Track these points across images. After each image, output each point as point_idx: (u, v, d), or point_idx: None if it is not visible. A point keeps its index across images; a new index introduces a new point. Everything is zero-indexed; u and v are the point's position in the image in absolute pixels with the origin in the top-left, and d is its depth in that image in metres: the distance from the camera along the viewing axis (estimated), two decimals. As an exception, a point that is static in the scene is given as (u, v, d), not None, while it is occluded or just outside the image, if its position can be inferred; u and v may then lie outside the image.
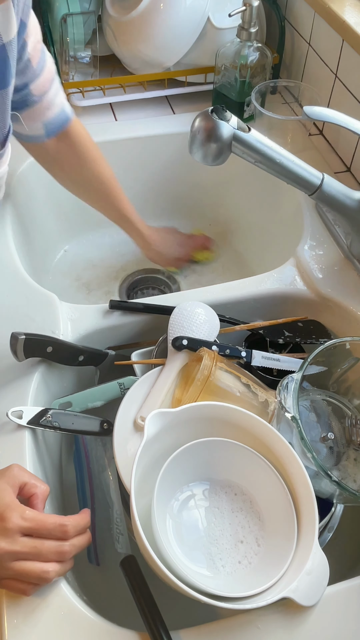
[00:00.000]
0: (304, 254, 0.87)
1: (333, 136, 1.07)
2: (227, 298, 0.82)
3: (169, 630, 0.52)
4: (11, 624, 0.53)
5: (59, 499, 0.75)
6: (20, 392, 0.69)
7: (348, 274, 0.84)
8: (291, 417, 0.61)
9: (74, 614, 0.54)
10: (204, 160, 0.71)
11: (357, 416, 0.72)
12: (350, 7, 0.92)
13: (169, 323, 0.74)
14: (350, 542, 0.76)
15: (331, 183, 0.75)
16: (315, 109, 0.72)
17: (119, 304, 0.80)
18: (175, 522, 0.59)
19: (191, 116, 0.73)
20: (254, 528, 0.59)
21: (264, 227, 1.10)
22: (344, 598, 0.56)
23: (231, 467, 0.62)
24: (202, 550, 0.58)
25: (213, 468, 0.62)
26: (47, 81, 0.79)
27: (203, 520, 0.60)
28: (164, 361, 0.72)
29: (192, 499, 0.61)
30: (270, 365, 0.76)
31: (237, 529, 0.59)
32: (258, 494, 0.61)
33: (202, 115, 0.69)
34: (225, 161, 0.72)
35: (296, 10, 1.11)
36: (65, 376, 0.78)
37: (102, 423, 0.69)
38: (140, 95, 1.14)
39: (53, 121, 0.83)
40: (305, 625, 0.54)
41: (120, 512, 0.70)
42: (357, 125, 0.73)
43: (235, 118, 0.70)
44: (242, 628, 0.53)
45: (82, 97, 1.12)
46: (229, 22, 1.04)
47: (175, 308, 0.76)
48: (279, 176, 0.74)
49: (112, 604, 0.64)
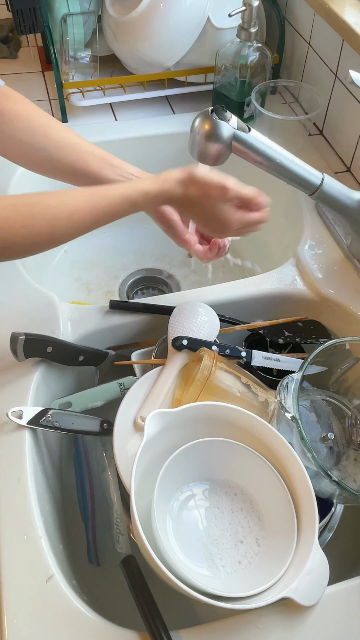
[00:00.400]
0: (304, 254, 0.87)
1: (333, 136, 1.07)
2: (227, 298, 0.82)
3: (169, 630, 0.52)
4: (11, 624, 0.53)
5: (59, 499, 0.75)
6: (20, 392, 0.69)
7: (348, 274, 0.84)
8: (291, 417, 0.61)
9: (74, 614, 0.54)
10: (204, 161, 0.71)
11: (357, 416, 0.72)
12: (350, 7, 0.92)
13: (169, 323, 0.74)
14: (350, 542, 0.76)
15: (331, 183, 0.75)
16: None
17: (119, 304, 0.80)
18: (175, 522, 0.59)
19: (191, 116, 0.73)
20: (254, 528, 0.59)
21: (263, 227, 1.10)
22: (344, 598, 0.56)
23: (231, 467, 0.62)
24: (202, 550, 0.58)
25: (213, 468, 0.62)
26: None
27: (203, 520, 0.60)
28: (164, 361, 0.72)
29: (192, 499, 0.61)
30: (270, 365, 0.76)
31: (237, 529, 0.59)
32: (258, 494, 0.61)
33: (202, 115, 0.69)
34: (225, 161, 0.72)
35: (296, 10, 1.11)
36: (65, 376, 0.78)
37: (102, 423, 0.69)
38: (140, 95, 1.15)
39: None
40: (305, 625, 0.54)
41: (120, 512, 0.70)
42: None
43: (235, 118, 0.70)
44: (242, 628, 0.53)
45: (82, 97, 1.12)
46: (229, 22, 1.04)
47: (175, 308, 0.76)
48: (279, 176, 0.74)
49: (112, 604, 0.64)
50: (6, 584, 0.55)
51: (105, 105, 1.15)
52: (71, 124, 1.11)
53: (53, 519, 0.66)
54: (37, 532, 0.59)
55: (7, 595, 0.55)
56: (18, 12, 1.12)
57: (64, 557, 0.64)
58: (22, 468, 0.63)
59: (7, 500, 0.61)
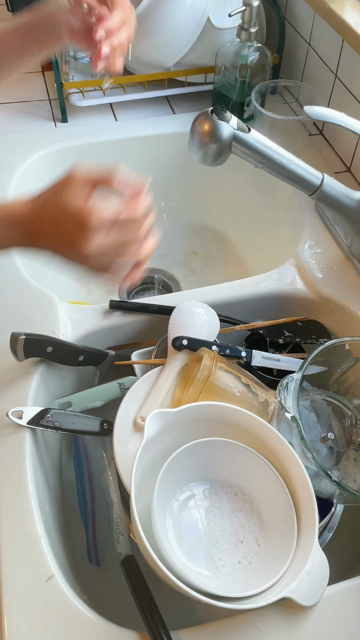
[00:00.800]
0: (304, 254, 0.87)
1: (333, 136, 1.07)
2: (227, 298, 0.82)
3: (169, 630, 0.52)
4: (11, 624, 0.53)
5: (59, 499, 0.75)
6: (20, 392, 0.69)
7: (348, 274, 0.84)
8: (291, 417, 0.61)
9: (74, 614, 0.54)
10: (203, 161, 0.71)
11: (357, 416, 0.72)
12: (350, 7, 0.92)
13: (169, 323, 0.74)
14: (350, 542, 0.76)
15: (331, 183, 0.75)
16: (316, 108, 0.72)
17: (119, 304, 0.80)
18: (175, 522, 0.59)
19: (191, 116, 0.73)
20: (254, 528, 0.59)
21: (263, 227, 1.10)
22: (344, 598, 0.56)
23: (231, 467, 0.62)
24: (202, 550, 0.58)
25: (213, 468, 0.62)
26: None
27: (203, 520, 0.60)
28: (164, 361, 0.72)
29: (192, 499, 0.61)
30: (270, 365, 0.76)
31: (237, 529, 0.59)
32: (258, 494, 0.61)
33: (202, 116, 0.69)
34: (225, 161, 0.72)
35: (296, 10, 1.11)
36: (65, 376, 0.78)
37: (102, 423, 0.69)
38: (140, 95, 1.15)
39: None
40: (305, 625, 0.54)
41: (120, 512, 0.70)
42: (357, 125, 0.73)
43: (235, 118, 0.70)
44: (242, 628, 0.53)
45: (82, 97, 1.12)
46: (229, 22, 1.04)
47: (175, 308, 0.76)
48: (279, 176, 0.74)
49: (112, 604, 0.64)
50: (6, 584, 0.55)
51: (105, 105, 1.15)
52: (71, 123, 1.11)
53: (53, 519, 0.66)
54: (37, 532, 0.59)
55: (7, 595, 0.55)
56: (18, 11, 1.12)
57: (64, 557, 0.64)
58: (22, 468, 0.63)
59: (7, 500, 0.61)
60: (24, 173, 1.00)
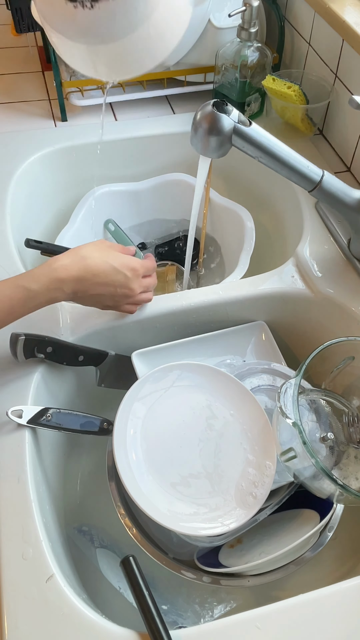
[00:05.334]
0: (304, 254, 0.87)
1: (333, 136, 1.07)
2: (227, 298, 0.82)
3: (169, 630, 0.52)
4: (11, 624, 0.53)
5: (59, 498, 0.75)
6: (20, 392, 0.69)
7: (348, 274, 0.84)
8: (292, 422, 0.60)
9: (74, 614, 0.54)
10: (204, 152, 0.71)
11: (355, 413, 0.72)
12: (350, 7, 0.92)
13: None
14: (350, 542, 0.76)
15: (331, 180, 0.75)
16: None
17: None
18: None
19: (191, 116, 0.73)
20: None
21: (263, 227, 1.10)
22: (343, 598, 0.56)
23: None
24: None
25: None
26: None
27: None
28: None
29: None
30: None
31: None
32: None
33: (204, 108, 0.69)
34: (225, 154, 0.72)
35: (296, 10, 1.11)
36: (65, 376, 0.78)
37: (102, 423, 0.69)
38: (140, 95, 1.14)
39: None
40: (305, 625, 0.54)
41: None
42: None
43: (236, 111, 0.70)
44: (242, 628, 0.53)
45: (81, 97, 1.12)
46: (229, 22, 1.04)
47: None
48: (278, 171, 0.74)
49: (112, 604, 0.64)
50: (6, 584, 0.55)
51: (105, 104, 1.15)
52: (71, 123, 1.11)
53: (53, 519, 0.66)
54: (37, 532, 0.59)
55: (7, 595, 0.55)
56: (17, 10, 1.11)
57: (64, 557, 0.64)
58: (22, 468, 0.63)
59: (7, 500, 0.61)
60: (24, 172, 1.00)
